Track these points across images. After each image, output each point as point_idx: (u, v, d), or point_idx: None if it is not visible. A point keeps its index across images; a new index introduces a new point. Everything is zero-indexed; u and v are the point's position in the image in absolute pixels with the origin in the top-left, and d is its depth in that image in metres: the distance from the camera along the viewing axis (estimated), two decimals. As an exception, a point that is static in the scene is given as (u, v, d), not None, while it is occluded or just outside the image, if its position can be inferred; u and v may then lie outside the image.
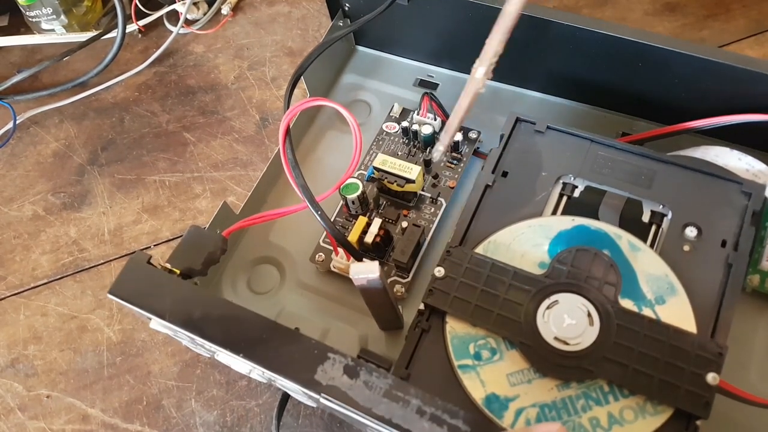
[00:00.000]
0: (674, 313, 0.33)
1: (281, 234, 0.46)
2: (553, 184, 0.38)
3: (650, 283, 0.34)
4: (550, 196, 0.38)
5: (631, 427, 0.30)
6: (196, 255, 0.36)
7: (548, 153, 0.39)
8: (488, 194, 0.39)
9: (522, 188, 0.39)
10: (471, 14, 0.44)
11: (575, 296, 0.33)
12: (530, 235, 0.36)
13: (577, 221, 0.37)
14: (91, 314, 0.48)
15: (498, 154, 0.39)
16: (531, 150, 0.40)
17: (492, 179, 0.39)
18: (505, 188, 0.39)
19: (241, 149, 0.54)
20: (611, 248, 0.35)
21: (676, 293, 0.33)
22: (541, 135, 0.40)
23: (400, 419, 0.27)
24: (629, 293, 0.34)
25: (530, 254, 0.35)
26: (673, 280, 0.34)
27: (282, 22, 0.61)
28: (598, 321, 0.32)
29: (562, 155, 0.39)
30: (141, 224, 0.51)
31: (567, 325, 0.32)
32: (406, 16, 0.47)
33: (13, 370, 0.46)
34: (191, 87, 0.58)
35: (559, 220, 0.37)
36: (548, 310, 0.33)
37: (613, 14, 0.57)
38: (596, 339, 0.32)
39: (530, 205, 0.38)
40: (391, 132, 0.48)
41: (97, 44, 0.60)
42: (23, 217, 0.53)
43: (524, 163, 0.39)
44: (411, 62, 0.53)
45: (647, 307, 0.33)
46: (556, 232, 0.36)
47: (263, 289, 0.44)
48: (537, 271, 0.35)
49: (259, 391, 0.43)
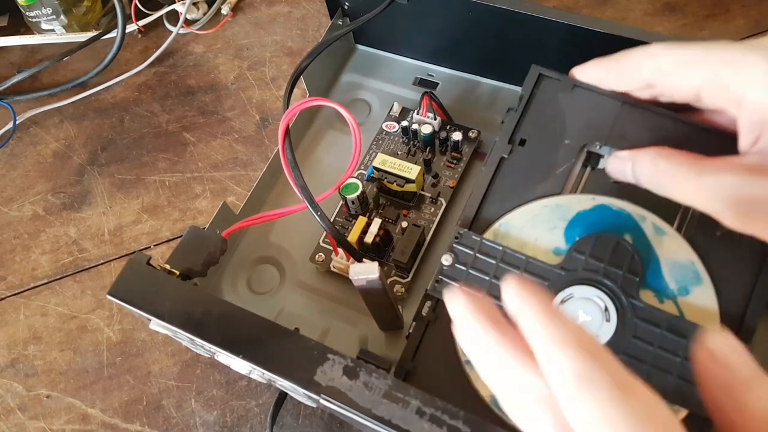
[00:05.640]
0: (698, 306, 0.30)
1: (281, 234, 0.46)
2: (576, 154, 0.34)
3: (674, 271, 0.31)
4: (573, 169, 0.34)
5: None
6: (196, 256, 0.36)
7: (573, 117, 0.34)
8: (502, 168, 0.34)
9: (541, 159, 0.34)
10: (471, 13, 0.44)
11: (592, 289, 0.31)
12: (546, 217, 0.33)
13: (598, 200, 0.33)
14: (91, 314, 0.48)
15: (516, 119, 0.35)
16: (554, 113, 0.35)
17: (508, 150, 0.34)
18: (522, 160, 0.34)
19: (241, 149, 0.54)
20: (634, 231, 0.32)
21: (702, 283, 0.31)
22: (565, 95, 0.35)
23: (399, 420, 0.27)
24: (650, 283, 0.31)
25: (545, 239, 0.32)
26: (699, 268, 0.31)
27: (282, 22, 0.61)
28: (615, 317, 0.30)
29: (589, 119, 0.34)
30: (141, 224, 0.51)
31: (581, 322, 0.30)
32: (405, 15, 0.47)
33: (13, 370, 0.46)
34: (191, 87, 0.58)
35: (578, 199, 0.33)
36: (562, 305, 0.31)
37: (613, 14, 0.57)
38: (612, 336, 0.30)
39: (549, 181, 0.34)
40: (391, 131, 0.48)
41: (96, 44, 0.60)
42: (23, 217, 0.53)
43: (545, 130, 0.34)
44: (411, 61, 0.53)
45: (669, 299, 0.31)
46: (575, 213, 0.33)
47: (263, 289, 0.44)
48: (551, 258, 0.32)
49: (259, 392, 0.43)
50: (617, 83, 0.32)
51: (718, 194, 0.27)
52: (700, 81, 0.28)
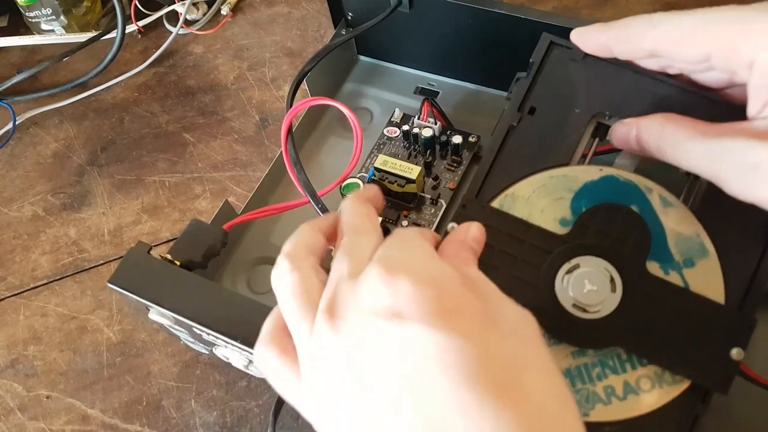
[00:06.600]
0: (703, 278, 0.30)
1: (282, 234, 0.46)
2: (585, 124, 0.34)
3: (680, 243, 0.31)
4: (581, 139, 0.34)
5: (647, 396, 0.29)
6: (197, 247, 0.37)
7: (582, 86, 0.34)
8: (511, 137, 0.34)
9: (550, 129, 0.34)
10: (472, 22, 0.45)
11: (598, 260, 0.30)
12: (552, 188, 0.33)
13: (606, 171, 0.33)
14: (90, 315, 0.48)
15: (526, 86, 0.35)
16: (564, 82, 0.34)
17: (517, 118, 0.34)
18: (531, 129, 0.34)
19: (241, 150, 0.54)
20: (640, 203, 0.32)
21: (708, 256, 0.30)
22: (576, 64, 0.34)
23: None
24: (656, 254, 0.31)
25: (551, 209, 0.32)
26: (705, 240, 0.31)
27: (281, 23, 0.61)
28: (621, 287, 0.30)
29: (599, 89, 0.34)
30: (141, 225, 0.51)
31: (587, 291, 0.30)
32: (407, 25, 0.48)
33: (12, 371, 0.46)
34: (191, 87, 0.58)
35: (585, 170, 0.33)
36: (568, 275, 0.30)
37: (613, 14, 0.57)
38: (617, 306, 0.30)
39: (557, 151, 0.33)
40: (392, 136, 0.48)
41: (96, 45, 0.60)
42: (23, 217, 0.53)
43: (555, 99, 0.34)
44: (412, 71, 0.53)
45: (674, 271, 0.30)
46: (582, 184, 0.32)
47: (263, 289, 0.44)
48: (558, 229, 0.32)
49: (259, 392, 0.43)
50: (621, 51, 0.31)
51: (722, 159, 0.26)
52: (710, 45, 0.27)
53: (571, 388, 0.29)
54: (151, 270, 0.34)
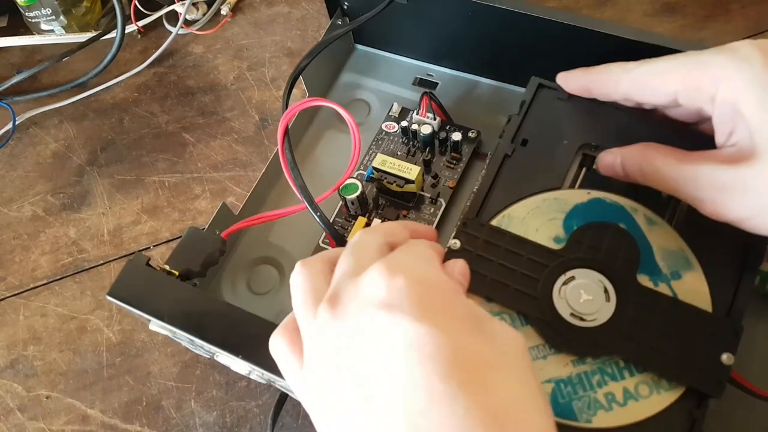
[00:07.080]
0: (690, 289, 0.32)
1: (281, 234, 0.46)
2: (573, 155, 0.37)
3: (666, 258, 0.33)
4: (570, 167, 0.37)
5: (646, 402, 0.30)
6: (195, 256, 0.37)
7: (570, 121, 0.38)
8: (506, 165, 0.37)
9: (541, 158, 0.37)
10: (470, 12, 0.44)
11: (592, 272, 0.33)
12: (545, 209, 0.35)
13: (593, 194, 0.36)
14: (90, 315, 0.48)
15: (518, 122, 0.38)
16: (552, 118, 0.38)
17: (511, 148, 0.37)
18: (524, 158, 0.37)
19: (241, 150, 0.54)
20: (627, 222, 0.34)
21: (693, 268, 0.33)
22: (562, 102, 0.38)
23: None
24: (645, 268, 0.33)
25: (545, 228, 0.35)
26: (689, 255, 0.33)
27: (281, 23, 0.61)
28: (614, 297, 0.32)
29: (585, 124, 0.38)
30: (140, 225, 0.51)
31: (583, 300, 0.32)
32: (405, 15, 0.47)
33: (12, 371, 0.46)
34: (190, 87, 0.58)
35: (574, 193, 0.36)
36: (564, 286, 0.32)
37: (613, 14, 0.57)
38: (612, 315, 0.32)
39: (548, 177, 0.37)
40: (391, 132, 0.48)
41: (96, 45, 0.60)
42: (23, 217, 0.53)
43: (545, 132, 0.38)
44: (410, 61, 0.53)
45: (663, 282, 0.33)
46: (572, 206, 0.35)
47: (263, 290, 0.44)
48: (552, 246, 0.34)
49: (259, 392, 0.43)
50: (599, 94, 0.35)
51: (696, 181, 0.30)
52: (676, 86, 0.31)
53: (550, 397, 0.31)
54: (150, 282, 0.34)
